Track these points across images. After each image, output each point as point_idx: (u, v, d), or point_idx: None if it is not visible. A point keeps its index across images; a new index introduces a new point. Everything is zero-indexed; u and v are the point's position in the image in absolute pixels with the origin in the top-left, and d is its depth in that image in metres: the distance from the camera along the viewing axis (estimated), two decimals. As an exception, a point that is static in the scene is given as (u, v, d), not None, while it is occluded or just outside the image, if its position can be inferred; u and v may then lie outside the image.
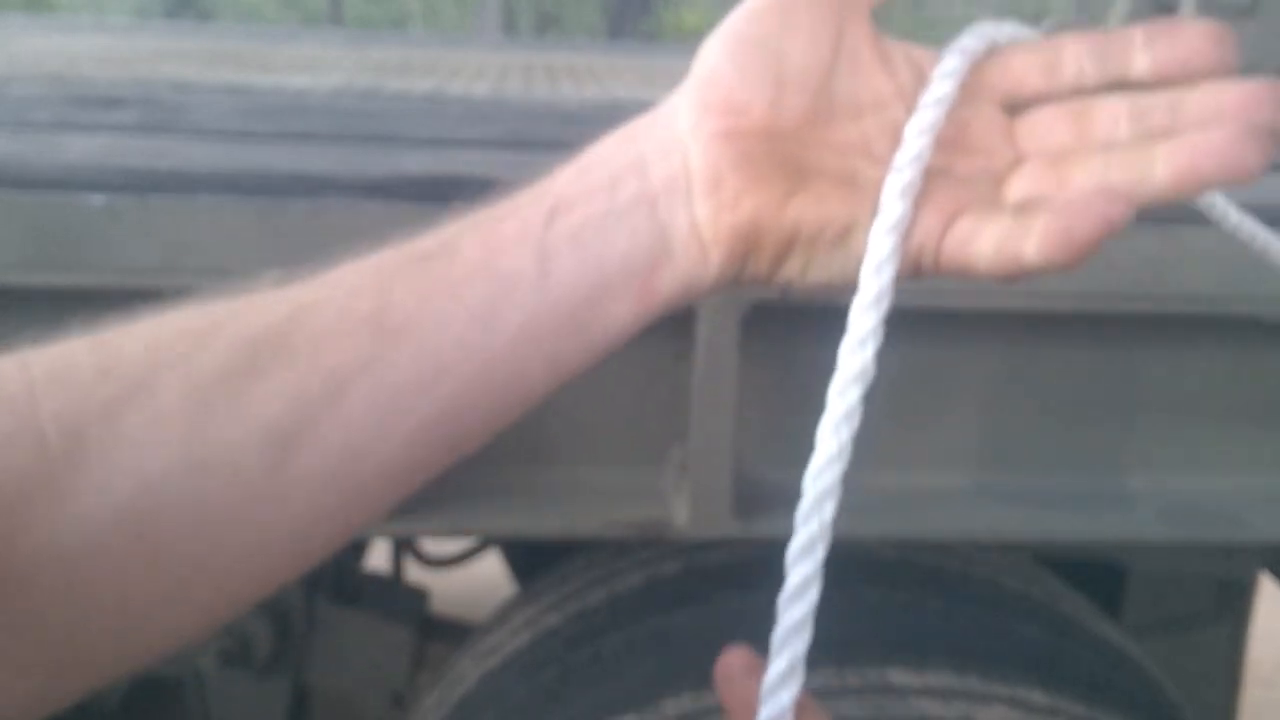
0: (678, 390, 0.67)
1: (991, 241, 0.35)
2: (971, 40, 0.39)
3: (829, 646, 0.43)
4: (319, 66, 1.72)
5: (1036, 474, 0.71)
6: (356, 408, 0.33)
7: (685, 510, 0.67)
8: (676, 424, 0.67)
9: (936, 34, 0.41)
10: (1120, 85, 0.36)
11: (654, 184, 0.36)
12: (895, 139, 0.36)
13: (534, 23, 10.94)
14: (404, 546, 1.37)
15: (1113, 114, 0.36)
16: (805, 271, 0.37)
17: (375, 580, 1.30)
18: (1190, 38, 0.35)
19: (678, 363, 0.67)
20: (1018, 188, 0.37)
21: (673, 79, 0.38)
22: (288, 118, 0.99)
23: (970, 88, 0.38)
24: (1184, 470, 0.71)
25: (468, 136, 0.92)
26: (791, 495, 0.41)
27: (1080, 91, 0.37)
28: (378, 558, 1.40)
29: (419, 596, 1.30)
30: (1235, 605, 1.30)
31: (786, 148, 0.36)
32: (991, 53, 0.39)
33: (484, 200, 0.39)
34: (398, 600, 1.24)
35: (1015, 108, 0.38)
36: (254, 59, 1.81)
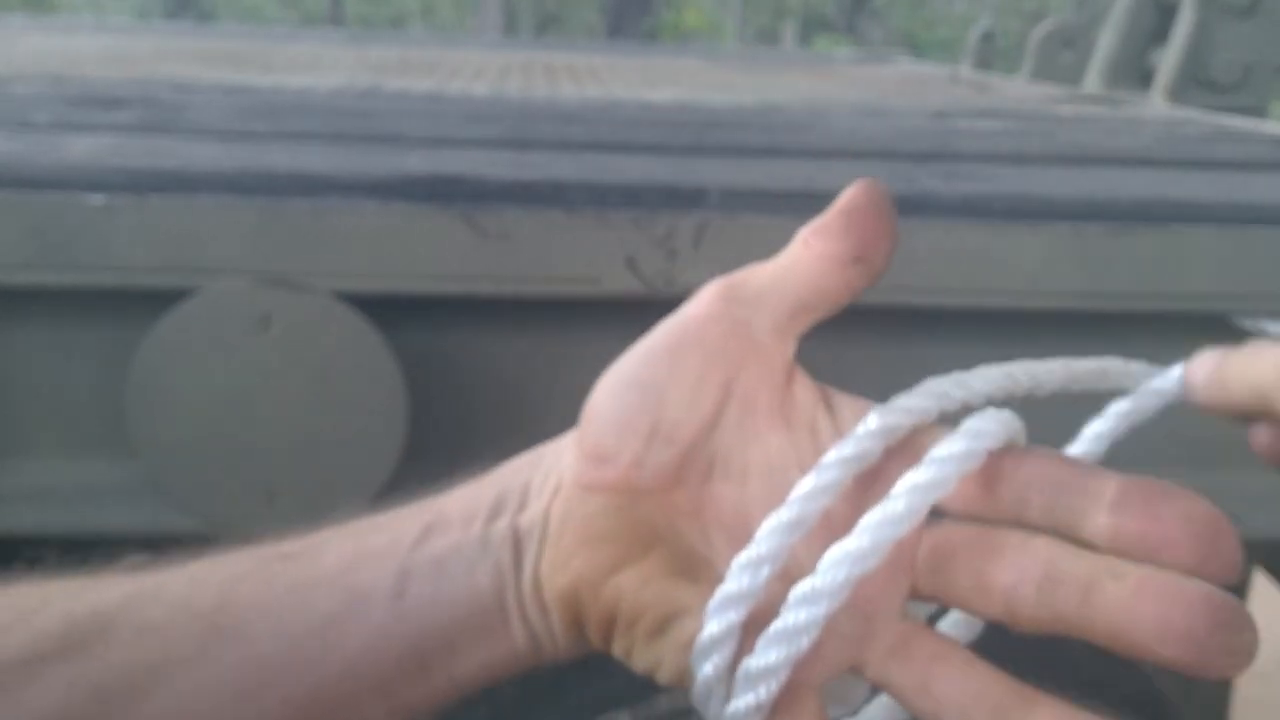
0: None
1: None
2: (918, 400, 0.31)
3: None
4: (319, 66, 1.72)
5: (1035, 473, 0.71)
6: (164, 706, 0.30)
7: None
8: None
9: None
10: (1065, 535, 0.28)
11: (522, 522, 0.32)
12: None
13: (534, 22, 10.94)
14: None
15: (1019, 569, 0.28)
16: (629, 656, 0.31)
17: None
18: (1171, 519, 0.27)
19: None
20: (889, 665, 0.30)
21: (672, 78, 0.38)
22: (288, 118, 0.99)
23: (883, 472, 0.30)
24: (1181, 468, 0.71)
25: (468, 136, 0.92)
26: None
27: (1019, 522, 0.29)
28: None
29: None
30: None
31: (642, 509, 0.31)
32: (920, 430, 0.31)
33: (483, 200, 0.38)
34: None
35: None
36: (254, 59, 1.81)
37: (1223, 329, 0.71)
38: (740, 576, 0.28)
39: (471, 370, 0.68)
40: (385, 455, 0.64)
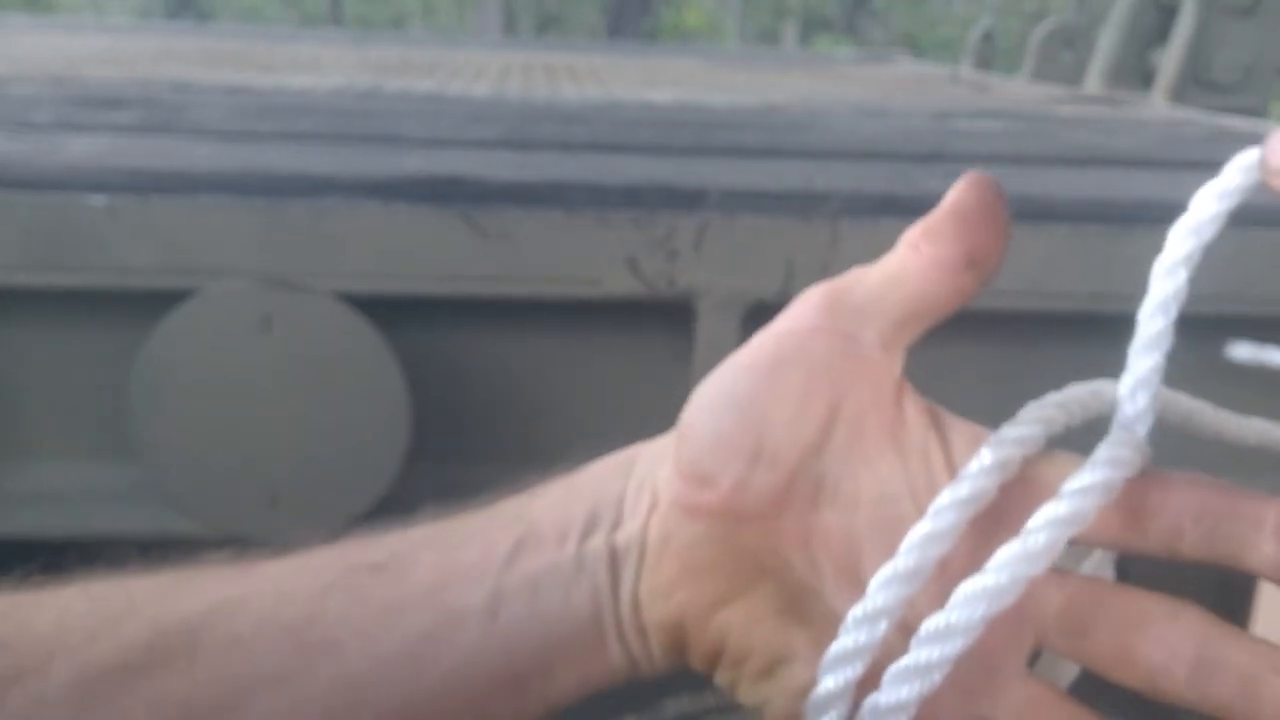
0: (677, 389, 0.67)
1: None
2: (1026, 428, 0.29)
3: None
4: (319, 66, 1.72)
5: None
6: None
7: (685, 510, 0.67)
8: (676, 423, 0.67)
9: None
10: (1230, 566, 0.27)
11: (619, 540, 0.31)
12: (890, 548, 0.27)
13: (534, 22, 10.95)
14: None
15: (1169, 647, 0.26)
16: (735, 690, 0.30)
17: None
18: None
19: (677, 362, 0.67)
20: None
21: (673, 79, 0.38)
22: (288, 118, 0.99)
23: (1000, 508, 0.28)
24: (1182, 469, 0.71)
25: (468, 136, 0.92)
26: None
27: (1170, 554, 0.27)
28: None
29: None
30: (1235, 605, 1.30)
31: (745, 536, 0.29)
32: (1030, 461, 0.29)
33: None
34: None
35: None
36: (254, 59, 1.81)
37: (1222, 329, 0.70)
38: (856, 632, 0.27)
39: (472, 371, 0.68)
40: (388, 456, 0.64)
